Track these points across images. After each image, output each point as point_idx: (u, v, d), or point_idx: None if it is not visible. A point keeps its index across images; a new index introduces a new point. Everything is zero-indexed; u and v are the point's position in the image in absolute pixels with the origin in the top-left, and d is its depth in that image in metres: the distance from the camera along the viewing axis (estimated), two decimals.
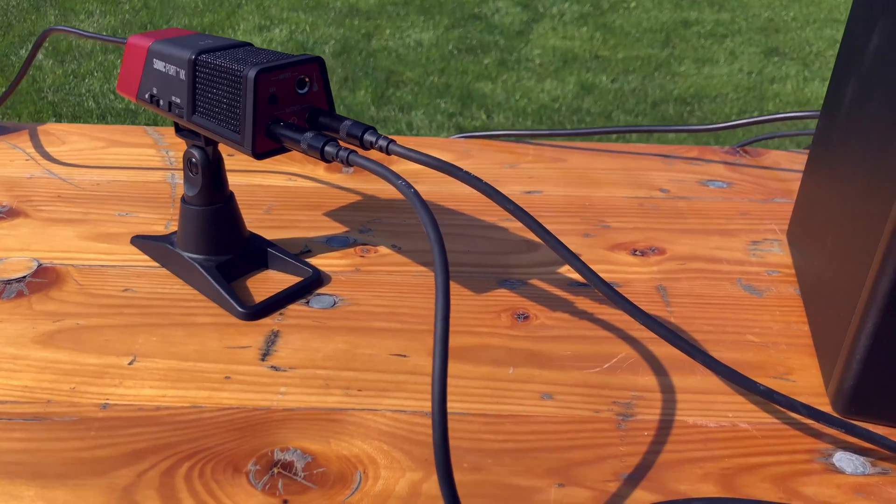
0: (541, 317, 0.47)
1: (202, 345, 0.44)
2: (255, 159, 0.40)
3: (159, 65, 0.44)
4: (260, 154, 0.40)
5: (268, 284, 0.49)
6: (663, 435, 0.39)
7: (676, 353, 0.44)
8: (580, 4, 3.49)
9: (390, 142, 0.38)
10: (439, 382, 0.28)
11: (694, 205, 0.61)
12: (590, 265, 0.52)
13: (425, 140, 0.72)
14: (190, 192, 0.48)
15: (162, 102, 0.45)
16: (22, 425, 0.38)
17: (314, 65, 0.41)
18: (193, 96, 0.42)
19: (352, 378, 0.42)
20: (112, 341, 0.44)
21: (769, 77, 2.87)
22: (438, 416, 0.28)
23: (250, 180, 0.62)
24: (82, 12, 3.13)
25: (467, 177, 0.37)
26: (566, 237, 0.56)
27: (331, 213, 0.58)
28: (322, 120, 0.41)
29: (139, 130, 0.70)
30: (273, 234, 0.54)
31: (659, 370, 0.43)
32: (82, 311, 0.46)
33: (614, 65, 2.92)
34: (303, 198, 0.60)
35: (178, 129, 0.47)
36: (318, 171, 0.64)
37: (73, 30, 0.54)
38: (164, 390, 0.41)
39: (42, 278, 0.49)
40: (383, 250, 0.54)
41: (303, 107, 0.41)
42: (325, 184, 0.62)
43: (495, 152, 0.69)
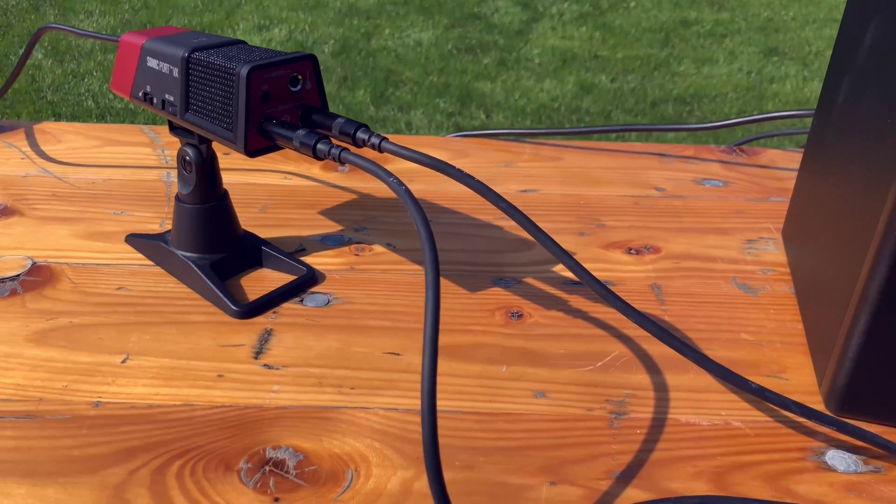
0: (535, 315, 0.47)
1: (195, 343, 0.44)
2: (248, 157, 0.40)
3: (153, 63, 0.44)
4: (252, 152, 0.40)
5: (262, 283, 0.49)
6: (656, 433, 0.39)
7: (670, 352, 0.44)
8: (580, 4, 3.49)
9: (383, 139, 0.38)
10: (428, 378, 0.28)
11: (690, 203, 0.61)
12: (584, 264, 0.52)
13: (422, 139, 0.72)
14: (184, 191, 0.47)
15: (155, 100, 0.45)
16: (14, 423, 0.38)
17: (307, 62, 0.41)
18: (187, 94, 0.42)
19: (345, 376, 0.42)
20: (105, 339, 0.44)
21: (769, 77, 2.87)
22: (427, 413, 0.28)
23: (246, 179, 0.62)
24: (82, 12, 3.13)
25: (460, 175, 0.37)
26: (561, 236, 0.56)
27: (326, 211, 0.58)
28: (315, 118, 0.41)
29: (135, 129, 0.70)
30: (268, 233, 0.54)
31: (652, 368, 0.43)
32: (76, 309, 0.46)
33: (614, 64, 2.92)
34: (298, 196, 0.60)
35: (172, 128, 0.47)
36: (313, 170, 0.64)
37: (67, 28, 0.54)
38: (156, 388, 0.41)
39: (36, 276, 0.49)
40: (378, 249, 0.54)
41: (296, 104, 0.41)
42: (321, 182, 0.62)
43: (492, 151, 0.69)
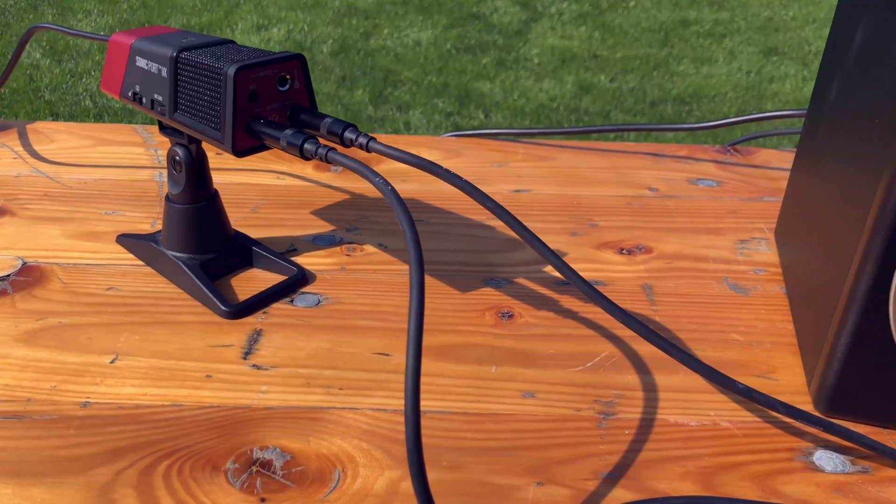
0: (525, 315, 0.47)
1: (185, 343, 0.44)
2: (236, 157, 0.40)
3: (142, 62, 0.44)
4: (240, 151, 0.40)
5: (252, 283, 0.49)
6: (644, 433, 0.39)
7: (660, 352, 0.44)
8: (579, 4, 3.49)
9: (370, 139, 0.38)
10: (412, 378, 0.28)
11: (683, 203, 0.61)
12: (576, 264, 0.52)
13: (416, 139, 0.72)
14: (174, 191, 0.47)
15: (145, 100, 0.45)
16: (1, 424, 0.38)
17: (295, 62, 0.41)
18: (175, 94, 0.42)
19: (333, 377, 0.42)
20: (94, 340, 0.44)
21: (768, 76, 2.87)
22: (412, 413, 0.28)
23: (238, 179, 0.62)
24: (80, 11, 3.13)
25: (447, 174, 0.37)
26: (553, 236, 0.56)
27: (318, 211, 0.58)
28: (303, 117, 0.41)
29: (128, 129, 0.70)
30: (259, 233, 0.54)
31: (642, 369, 0.43)
32: (66, 309, 0.46)
33: (613, 64, 2.92)
34: (290, 196, 0.60)
35: (162, 127, 0.47)
36: (306, 170, 0.64)
37: (58, 27, 0.54)
38: (145, 388, 0.41)
39: (26, 277, 0.49)
40: (369, 249, 0.53)
41: (284, 104, 0.41)
42: (314, 182, 0.62)
43: (485, 151, 0.69)
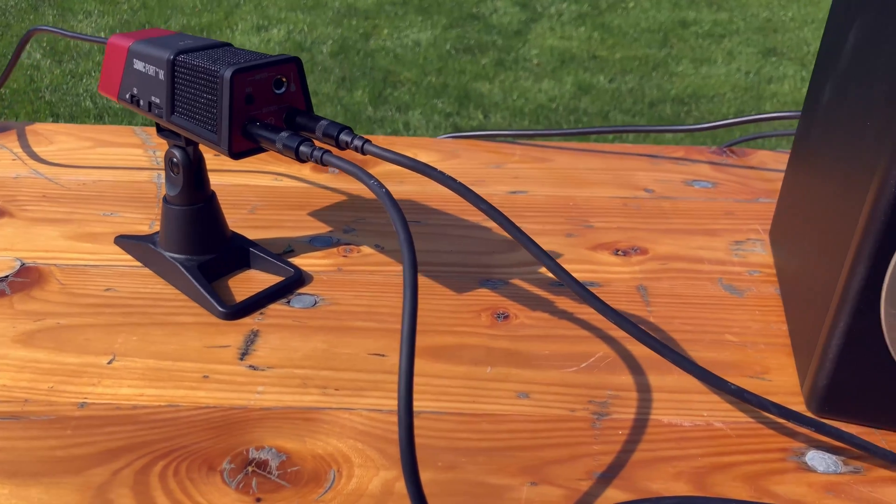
0: (521, 316, 0.47)
1: (182, 344, 0.44)
2: (232, 159, 0.41)
3: (139, 65, 0.44)
4: (237, 154, 0.40)
5: (249, 284, 0.49)
6: (637, 434, 0.39)
7: (654, 353, 0.44)
8: (578, 4, 3.49)
9: (365, 142, 0.38)
10: (405, 378, 0.28)
11: (678, 205, 0.61)
12: (571, 265, 0.52)
13: (414, 140, 0.72)
14: (171, 192, 0.48)
15: (142, 102, 0.45)
16: None
17: (291, 65, 0.41)
18: (172, 96, 0.43)
19: (329, 377, 0.42)
20: (92, 340, 0.44)
21: (767, 77, 2.87)
22: (405, 413, 0.28)
23: (236, 180, 0.62)
24: (80, 12, 3.14)
25: (441, 176, 0.37)
26: (549, 237, 0.56)
27: (315, 212, 0.58)
28: (299, 120, 0.41)
29: (127, 130, 0.70)
30: (257, 234, 0.55)
31: (636, 369, 0.43)
32: (63, 310, 0.46)
33: (612, 65, 2.92)
34: (288, 198, 0.60)
35: (160, 130, 0.47)
36: (304, 171, 0.64)
37: (57, 30, 0.54)
38: (142, 389, 0.41)
39: (24, 278, 0.49)
40: (366, 250, 0.54)
41: (280, 107, 0.41)
42: (311, 184, 0.63)
43: (482, 152, 0.69)
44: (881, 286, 0.35)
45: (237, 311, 0.46)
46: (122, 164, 0.64)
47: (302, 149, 0.38)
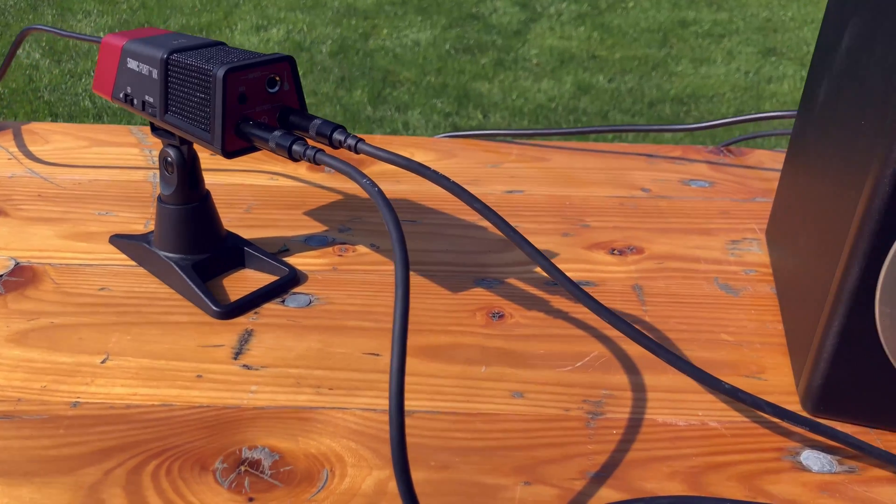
0: (516, 315, 0.47)
1: (176, 343, 0.44)
2: (226, 158, 0.40)
3: (133, 64, 0.44)
4: (230, 153, 0.40)
5: (244, 283, 0.49)
6: (632, 433, 0.39)
7: (649, 352, 0.44)
8: (578, 4, 3.49)
9: (359, 140, 0.38)
10: (397, 377, 0.28)
11: (675, 204, 0.61)
12: (567, 264, 0.52)
13: (411, 139, 0.72)
14: (166, 192, 0.48)
15: (136, 102, 0.45)
16: None
17: (285, 64, 0.41)
18: (166, 95, 0.43)
19: (323, 377, 0.42)
20: (86, 340, 0.44)
21: (766, 77, 2.87)
22: (396, 412, 0.28)
23: (232, 179, 0.62)
24: (80, 12, 3.14)
25: (435, 176, 0.37)
26: (545, 236, 0.56)
27: (311, 212, 0.58)
28: (293, 119, 0.41)
29: (123, 130, 0.70)
30: (252, 234, 0.55)
31: (631, 369, 0.43)
32: (58, 309, 0.46)
33: (611, 65, 2.92)
34: (284, 197, 0.60)
35: (154, 129, 0.47)
36: (300, 171, 0.64)
37: (51, 29, 0.54)
38: (135, 388, 0.41)
39: (19, 277, 0.49)
40: (362, 249, 0.54)
41: (274, 106, 0.41)
42: (307, 183, 0.62)
43: (479, 152, 0.69)
44: (876, 285, 0.35)
45: (231, 311, 0.46)
46: (118, 164, 0.64)
47: (295, 148, 0.38)
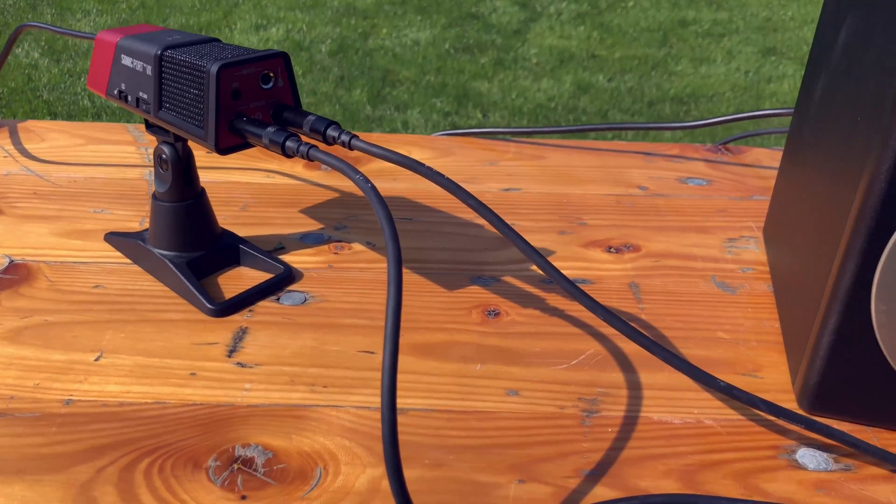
0: (511, 313, 0.47)
1: (170, 341, 0.44)
2: (219, 154, 0.40)
3: (127, 61, 0.44)
4: (223, 149, 0.40)
5: (239, 281, 0.49)
6: (627, 431, 0.39)
7: (645, 350, 0.44)
8: (578, 4, 3.49)
9: (353, 137, 0.38)
10: (389, 375, 0.28)
11: (672, 202, 0.61)
12: (563, 262, 0.52)
13: (408, 137, 0.71)
14: (160, 189, 0.47)
15: (130, 98, 0.45)
16: None
17: (279, 60, 0.41)
18: (160, 92, 0.42)
19: (318, 375, 0.42)
20: (80, 337, 0.44)
21: (766, 76, 2.87)
22: (388, 410, 0.28)
23: (228, 177, 0.62)
24: (79, 11, 3.13)
25: (430, 172, 0.37)
26: (542, 234, 0.56)
27: (307, 209, 0.58)
28: (287, 115, 0.41)
29: (120, 128, 0.70)
30: (248, 231, 0.54)
31: (627, 367, 0.43)
32: (51, 307, 0.46)
33: (611, 64, 2.92)
34: (280, 195, 0.60)
35: (149, 126, 0.47)
36: (296, 168, 0.64)
37: (46, 26, 0.54)
38: (128, 386, 0.40)
39: (13, 275, 0.49)
40: (357, 247, 0.53)
41: (268, 102, 0.41)
42: (304, 181, 0.62)
43: (477, 150, 0.69)
44: (871, 283, 0.35)
45: (226, 308, 0.46)
46: (114, 162, 0.64)
47: (288, 144, 0.38)
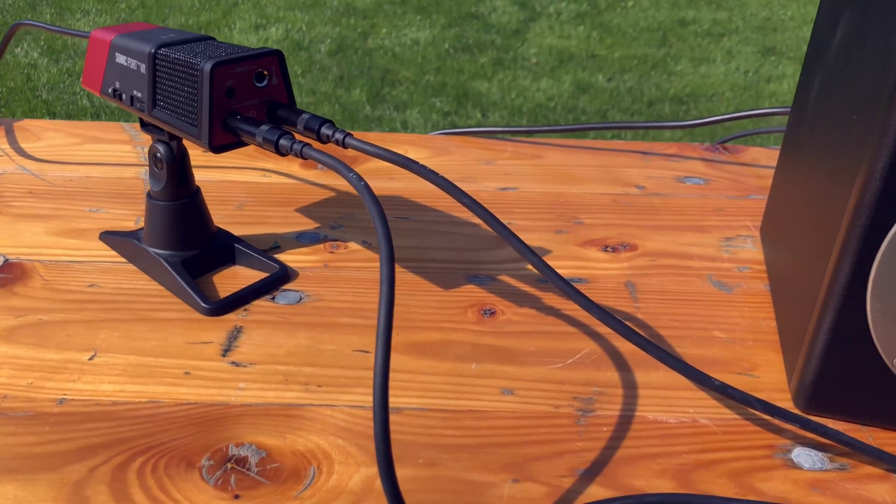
0: (507, 312, 0.47)
1: (164, 340, 0.44)
2: (213, 153, 0.40)
3: (121, 59, 0.44)
4: (217, 147, 0.40)
5: (234, 280, 0.49)
6: (622, 430, 0.38)
7: (640, 349, 0.44)
8: (577, 3, 3.49)
9: (346, 135, 0.38)
10: (381, 374, 0.28)
11: (669, 201, 0.61)
12: (560, 261, 0.52)
13: (405, 136, 0.71)
14: (155, 188, 0.47)
15: (124, 97, 0.44)
16: None
17: (273, 58, 0.41)
18: (154, 90, 0.42)
19: (312, 374, 0.42)
20: (74, 336, 0.44)
21: (766, 76, 2.87)
22: (380, 409, 0.28)
23: (224, 176, 0.62)
24: (78, 11, 3.13)
25: (424, 171, 0.37)
26: (538, 233, 0.56)
27: (303, 209, 0.58)
28: (281, 113, 0.41)
29: (116, 127, 0.70)
30: (244, 231, 0.54)
31: (622, 366, 0.43)
32: (46, 306, 0.46)
33: (610, 64, 2.92)
34: (276, 194, 0.60)
35: (143, 124, 0.47)
36: (292, 168, 0.64)
37: (41, 24, 0.54)
38: (122, 385, 0.40)
39: (7, 274, 0.49)
40: (353, 246, 0.53)
41: (262, 100, 0.41)
42: (300, 180, 0.62)
43: (474, 149, 0.69)
44: (867, 281, 0.35)
45: (221, 308, 0.46)
46: (110, 161, 0.64)
47: (282, 142, 0.38)
